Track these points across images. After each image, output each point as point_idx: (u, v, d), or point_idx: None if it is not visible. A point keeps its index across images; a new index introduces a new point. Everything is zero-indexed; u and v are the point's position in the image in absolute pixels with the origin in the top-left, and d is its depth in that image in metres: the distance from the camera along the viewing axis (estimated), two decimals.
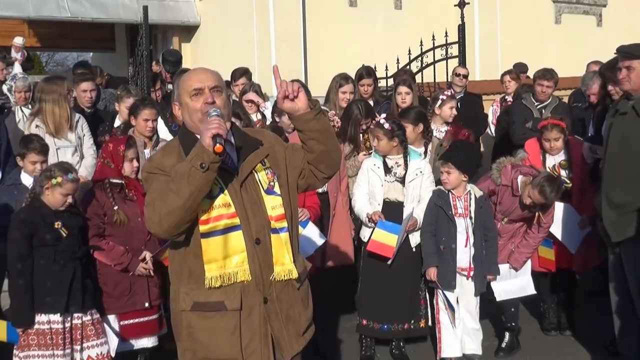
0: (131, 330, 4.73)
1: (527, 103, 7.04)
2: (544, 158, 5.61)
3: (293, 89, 2.74)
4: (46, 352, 4.22)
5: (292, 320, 2.93)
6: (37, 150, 5.11)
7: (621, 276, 4.53)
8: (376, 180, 5.13)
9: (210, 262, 2.79)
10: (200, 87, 2.83)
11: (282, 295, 2.90)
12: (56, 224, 4.29)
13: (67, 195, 4.33)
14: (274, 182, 2.90)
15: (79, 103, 6.82)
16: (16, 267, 4.22)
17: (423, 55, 9.73)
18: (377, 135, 5.16)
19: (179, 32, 13.69)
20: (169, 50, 10.74)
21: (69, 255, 4.33)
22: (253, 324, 2.83)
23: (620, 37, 10.46)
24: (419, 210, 5.08)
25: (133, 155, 4.76)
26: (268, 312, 2.86)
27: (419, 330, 5.22)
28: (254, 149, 2.92)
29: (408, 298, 5.16)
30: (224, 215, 2.79)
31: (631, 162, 4.37)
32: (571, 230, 5.48)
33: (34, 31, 15.25)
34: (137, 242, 4.74)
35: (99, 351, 4.41)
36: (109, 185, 4.71)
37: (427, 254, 5.02)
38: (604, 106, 5.98)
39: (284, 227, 2.89)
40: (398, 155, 5.13)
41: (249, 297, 2.83)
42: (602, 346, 5.21)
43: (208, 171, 2.60)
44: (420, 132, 5.53)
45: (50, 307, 4.25)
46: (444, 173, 4.96)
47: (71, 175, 4.34)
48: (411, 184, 5.10)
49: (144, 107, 5.66)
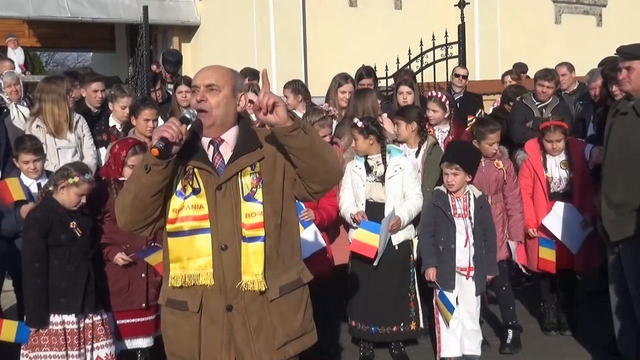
0: (127, 329, 4.72)
1: (527, 103, 7.03)
2: (544, 158, 5.60)
3: (267, 104, 2.62)
4: (59, 352, 4.21)
5: (264, 333, 2.82)
6: (26, 150, 5.07)
7: (621, 276, 4.52)
8: (358, 181, 5.13)
9: (174, 262, 2.82)
10: (196, 84, 2.83)
11: (253, 306, 2.80)
12: (71, 224, 4.29)
13: (82, 195, 4.32)
14: (256, 189, 2.79)
15: (88, 103, 6.79)
16: (33, 267, 4.20)
17: (423, 55, 9.74)
18: (353, 135, 5.17)
19: (179, 32, 13.70)
20: (169, 50, 10.74)
21: (83, 255, 4.34)
22: (214, 330, 2.81)
23: (620, 37, 10.46)
24: (404, 209, 5.04)
25: (134, 163, 4.74)
26: (232, 321, 2.79)
27: (408, 332, 5.17)
28: (247, 152, 2.83)
29: (395, 300, 5.11)
30: (192, 216, 2.77)
31: (631, 162, 4.36)
32: (573, 230, 5.47)
33: (34, 31, 15.27)
34: (139, 241, 4.74)
35: (107, 351, 4.42)
36: (115, 182, 4.74)
37: (426, 254, 5.01)
38: (605, 107, 5.97)
39: (258, 237, 2.77)
40: (377, 154, 5.13)
41: (210, 302, 2.80)
42: (602, 346, 5.20)
43: (151, 172, 2.65)
44: (413, 131, 5.52)
45: (65, 308, 4.24)
46: (450, 175, 4.91)
47: (88, 176, 4.36)
48: (391, 181, 5.07)
49: (144, 107, 5.67)
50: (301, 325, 2.93)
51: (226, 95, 2.82)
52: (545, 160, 5.59)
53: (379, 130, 5.15)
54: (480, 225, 4.95)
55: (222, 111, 2.81)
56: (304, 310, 2.95)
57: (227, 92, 2.82)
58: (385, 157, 5.12)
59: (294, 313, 2.90)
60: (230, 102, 2.84)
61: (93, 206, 4.64)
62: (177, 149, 2.69)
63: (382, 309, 5.08)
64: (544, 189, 5.57)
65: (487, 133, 5.42)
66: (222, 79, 2.83)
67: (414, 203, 5.09)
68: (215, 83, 2.80)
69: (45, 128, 5.84)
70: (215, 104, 2.80)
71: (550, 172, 5.57)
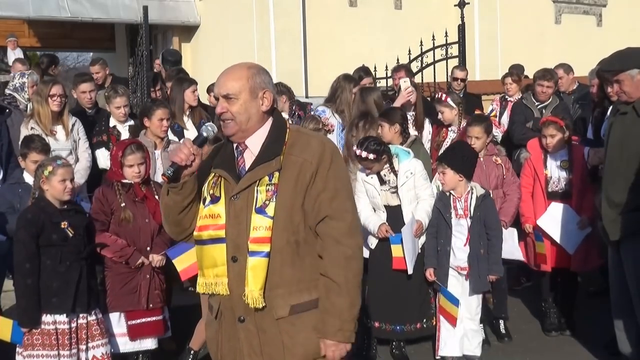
0: (138, 330, 4.75)
1: (527, 103, 7.04)
2: (545, 158, 5.63)
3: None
4: (51, 352, 4.22)
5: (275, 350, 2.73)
6: (38, 150, 5.13)
7: (621, 276, 4.53)
8: (373, 191, 5.17)
9: (200, 268, 2.84)
10: (215, 94, 2.81)
11: (264, 322, 2.72)
12: (62, 223, 4.30)
13: (65, 180, 4.31)
14: (269, 202, 2.66)
15: (80, 104, 6.81)
16: (24, 267, 4.21)
17: (423, 55, 9.74)
18: (364, 165, 5.14)
19: (179, 32, 13.68)
20: (169, 50, 10.73)
21: (75, 255, 4.34)
22: (228, 338, 2.82)
23: (620, 37, 10.49)
24: (422, 212, 5.08)
25: (133, 162, 4.76)
26: (244, 332, 2.75)
27: (432, 328, 5.21)
28: (265, 160, 2.71)
29: (417, 297, 5.18)
30: (210, 226, 2.75)
31: (631, 161, 4.37)
32: (569, 230, 5.49)
33: (34, 31, 15.25)
34: (143, 242, 4.79)
35: (103, 351, 4.43)
36: (118, 184, 4.77)
37: (427, 255, 5.08)
38: (602, 109, 5.99)
39: (260, 252, 2.66)
40: (386, 166, 5.13)
41: (226, 311, 2.81)
42: (602, 346, 5.21)
43: (170, 194, 2.79)
44: (396, 132, 5.54)
45: (56, 308, 4.26)
46: (440, 174, 5.01)
47: (60, 161, 4.37)
48: (404, 187, 5.11)
49: (157, 107, 5.72)
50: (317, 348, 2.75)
51: (245, 100, 2.73)
52: (546, 160, 5.61)
53: (382, 145, 5.11)
54: (481, 223, 4.96)
55: (244, 117, 2.74)
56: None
57: (245, 96, 2.73)
58: (393, 166, 5.12)
59: (309, 333, 2.74)
60: (251, 106, 2.74)
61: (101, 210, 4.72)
62: (192, 169, 2.73)
63: (406, 307, 5.15)
64: (542, 187, 5.60)
65: (467, 127, 5.63)
66: (237, 85, 2.73)
67: (429, 203, 5.13)
68: (230, 92, 2.73)
69: (39, 129, 5.87)
70: (236, 112, 2.73)
71: (549, 171, 5.59)
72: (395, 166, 5.12)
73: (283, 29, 11.39)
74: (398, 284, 5.13)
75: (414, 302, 5.17)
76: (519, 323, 5.89)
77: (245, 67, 2.81)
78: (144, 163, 4.82)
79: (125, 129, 6.32)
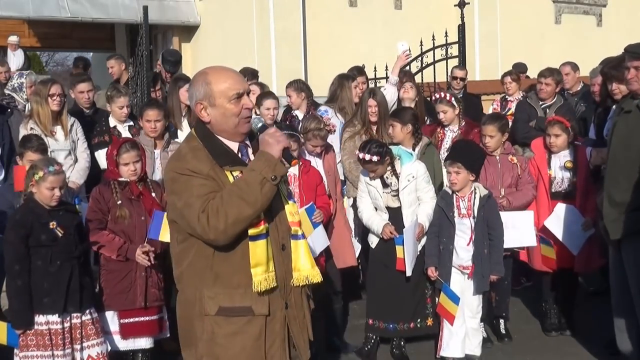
0: (131, 329, 4.74)
1: (531, 102, 7.04)
2: (549, 158, 5.61)
3: None
4: (45, 352, 4.22)
5: (306, 326, 2.98)
6: (34, 149, 5.12)
7: (621, 276, 4.52)
8: (375, 193, 5.17)
9: (256, 267, 2.76)
10: (241, 91, 2.77)
11: (299, 301, 2.94)
12: (51, 224, 4.28)
13: (53, 188, 4.29)
14: (290, 189, 2.94)
15: (78, 104, 6.79)
16: (14, 269, 4.21)
17: (423, 55, 9.73)
18: (367, 168, 5.13)
19: (179, 32, 13.67)
20: (169, 50, 10.73)
21: (66, 255, 4.33)
22: (275, 329, 2.85)
23: (620, 37, 10.48)
24: (424, 215, 5.09)
25: (128, 160, 4.78)
26: (289, 317, 2.90)
27: (425, 328, 5.23)
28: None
29: (413, 297, 5.18)
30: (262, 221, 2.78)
31: (634, 160, 4.35)
32: (574, 231, 5.48)
33: (34, 31, 15.24)
34: (139, 239, 4.80)
35: (99, 350, 4.42)
36: (115, 183, 4.78)
37: (428, 254, 5.06)
38: (605, 108, 5.96)
39: (300, 234, 2.92)
40: (388, 169, 5.12)
41: (274, 303, 2.84)
42: (602, 346, 5.20)
43: (278, 182, 2.72)
44: (409, 132, 5.53)
45: (48, 308, 4.25)
46: (452, 173, 4.94)
47: (52, 168, 4.30)
48: (405, 191, 5.11)
49: (146, 108, 5.80)
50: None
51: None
52: (549, 160, 5.60)
53: (384, 147, 5.11)
54: (484, 223, 4.95)
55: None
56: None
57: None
58: (395, 168, 5.11)
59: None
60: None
61: (99, 208, 4.71)
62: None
63: (400, 306, 5.16)
64: (546, 187, 5.60)
65: (482, 125, 5.60)
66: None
67: (430, 206, 5.13)
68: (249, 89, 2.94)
69: (38, 130, 5.86)
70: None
71: (553, 171, 5.58)
72: (397, 169, 5.11)
73: (283, 29, 11.39)
74: (395, 283, 5.14)
75: (410, 302, 5.18)
76: (519, 323, 5.89)
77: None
78: (139, 161, 4.84)
79: (125, 129, 6.31)
